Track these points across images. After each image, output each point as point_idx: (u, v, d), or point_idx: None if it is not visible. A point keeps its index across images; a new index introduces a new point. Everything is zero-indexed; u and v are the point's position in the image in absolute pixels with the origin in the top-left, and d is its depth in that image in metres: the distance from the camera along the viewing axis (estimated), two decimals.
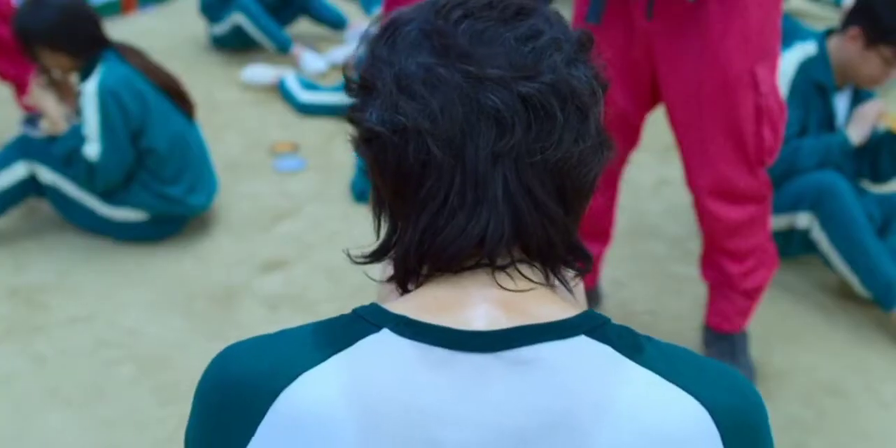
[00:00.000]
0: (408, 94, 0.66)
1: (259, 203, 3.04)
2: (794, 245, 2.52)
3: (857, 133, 2.47)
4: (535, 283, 0.69)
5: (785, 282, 2.60)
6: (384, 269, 0.82)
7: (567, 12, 2.08)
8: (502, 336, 0.64)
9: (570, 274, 0.74)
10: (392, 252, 0.72)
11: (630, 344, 0.66)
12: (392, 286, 0.73)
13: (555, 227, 0.68)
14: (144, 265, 2.69)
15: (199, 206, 2.80)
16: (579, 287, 0.83)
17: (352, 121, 0.71)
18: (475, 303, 0.66)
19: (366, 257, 0.75)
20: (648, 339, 0.68)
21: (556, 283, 0.72)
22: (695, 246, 2.75)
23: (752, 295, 2.17)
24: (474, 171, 0.65)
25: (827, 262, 2.49)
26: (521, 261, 0.68)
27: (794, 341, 2.40)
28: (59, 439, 2.03)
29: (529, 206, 0.66)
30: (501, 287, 0.67)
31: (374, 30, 0.71)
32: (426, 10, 0.69)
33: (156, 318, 2.44)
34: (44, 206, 2.86)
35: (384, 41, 0.69)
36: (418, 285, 0.71)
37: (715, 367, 0.68)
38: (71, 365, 2.26)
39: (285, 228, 2.89)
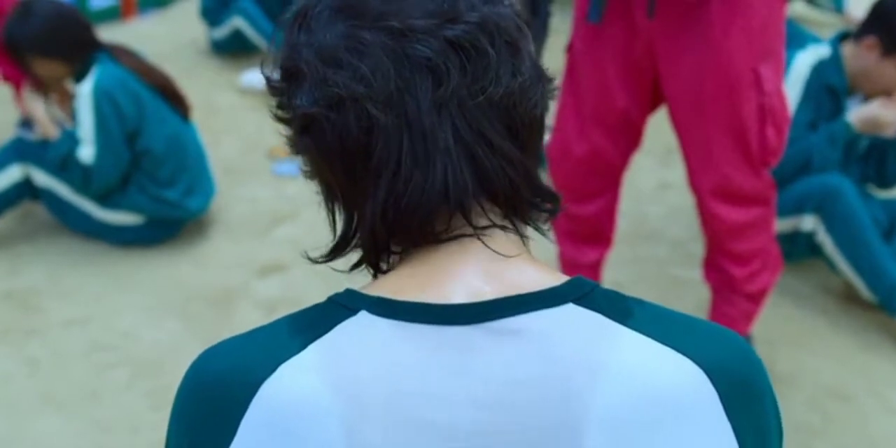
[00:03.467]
0: (334, 65, 0.64)
1: (257, 206, 3.02)
2: (798, 248, 2.49)
3: (856, 115, 2.40)
4: (514, 247, 0.67)
5: (788, 285, 2.57)
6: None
7: (568, 11, 2.06)
8: (486, 307, 0.62)
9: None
10: (354, 242, 0.70)
11: (620, 309, 0.64)
12: None
13: (514, 168, 0.66)
14: (141, 268, 2.66)
15: (196, 210, 2.78)
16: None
17: (282, 120, 0.69)
18: (454, 278, 0.64)
19: (325, 256, 0.72)
20: (639, 302, 0.66)
21: (531, 239, 0.70)
22: (697, 249, 2.72)
23: (755, 298, 2.14)
24: (420, 126, 0.63)
25: (832, 266, 2.47)
26: (495, 226, 0.66)
27: (799, 345, 2.37)
28: (52, 443, 2.00)
29: (484, 148, 0.64)
30: (482, 254, 0.65)
31: (288, 19, 0.70)
32: None
33: (151, 322, 2.42)
34: (39, 210, 2.84)
35: (298, 28, 0.68)
36: (391, 267, 0.69)
37: (709, 328, 0.66)
38: (65, 368, 2.23)
39: (283, 232, 2.87)
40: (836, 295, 2.58)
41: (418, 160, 0.63)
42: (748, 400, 0.63)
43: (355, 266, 0.71)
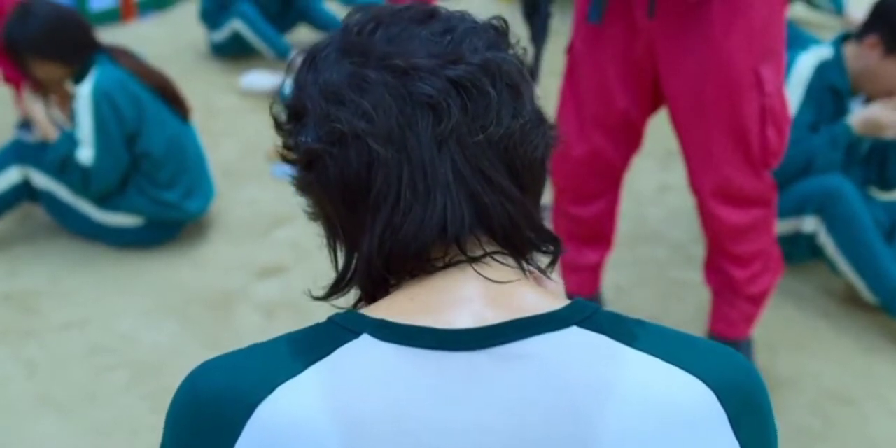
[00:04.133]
0: (337, 102, 0.66)
1: (257, 209, 3.01)
2: (799, 250, 2.48)
3: (856, 117, 2.39)
4: (512, 273, 0.67)
5: (788, 287, 2.56)
6: None
7: (568, 12, 2.06)
8: (490, 332, 0.61)
9: (544, 261, 0.73)
10: (354, 279, 0.70)
11: (623, 330, 0.64)
12: None
13: (514, 205, 0.66)
14: (140, 270, 2.65)
15: (195, 211, 2.77)
16: (560, 286, 0.80)
17: (289, 160, 0.70)
18: (456, 302, 0.64)
19: (326, 293, 0.72)
20: (640, 323, 0.66)
21: (533, 271, 0.70)
22: (697, 251, 2.71)
23: (756, 300, 2.13)
24: (420, 161, 0.64)
25: (833, 267, 2.46)
26: (493, 253, 0.66)
27: (800, 348, 2.36)
28: (50, 445, 1.99)
29: (483, 185, 0.65)
30: (482, 278, 0.65)
31: (298, 62, 0.72)
32: (340, 32, 0.71)
33: (150, 324, 2.41)
34: (38, 211, 2.83)
35: (306, 69, 0.70)
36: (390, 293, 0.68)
37: (711, 346, 0.66)
38: (63, 370, 2.22)
39: (283, 234, 2.86)
40: (838, 297, 2.57)
41: (418, 194, 0.64)
42: (752, 416, 0.63)
43: (356, 304, 0.71)
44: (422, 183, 0.64)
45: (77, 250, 2.73)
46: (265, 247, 2.79)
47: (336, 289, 0.72)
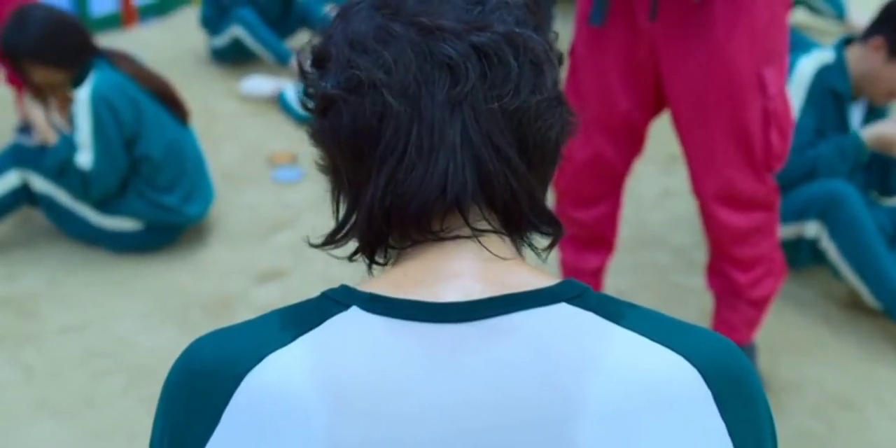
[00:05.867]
0: (360, 50, 0.67)
1: (257, 213, 3.00)
2: (802, 255, 2.47)
3: (869, 132, 2.39)
4: (509, 252, 0.67)
5: (790, 292, 2.55)
6: None
7: (569, 15, 2.05)
8: (479, 306, 0.62)
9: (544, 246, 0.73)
10: (353, 229, 0.71)
11: (612, 309, 0.64)
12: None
13: (517, 179, 0.66)
14: (138, 275, 2.64)
15: (195, 216, 2.76)
16: None
17: (307, 108, 0.71)
18: (448, 277, 0.64)
19: (325, 240, 0.72)
20: (630, 304, 0.66)
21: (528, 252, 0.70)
22: (699, 256, 2.70)
23: (759, 305, 2.11)
24: (431, 120, 0.65)
25: (836, 273, 2.45)
26: (490, 231, 0.67)
27: (802, 353, 2.35)
28: None
29: (490, 152, 0.65)
30: (477, 255, 0.65)
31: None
32: None
33: (149, 328, 2.40)
34: (37, 215, 2.82)
35: (337, 21, 0.71)
36: (388, 263, 0.69)
37: (700, 330, 0.66)
38: (61, 375, 2.21)
39: (283, 238, 2.85)
40: (840, 302, 2.55)
41: (423, 152, 0.65)
42: (741, 401, 0.63)
43: (353, 254, 0.72)
44: (428, 142, 0.64)
45: (76, 254, 2.72)
46: (265, 251, 2.78)
47: (333, 238, 0.72)
